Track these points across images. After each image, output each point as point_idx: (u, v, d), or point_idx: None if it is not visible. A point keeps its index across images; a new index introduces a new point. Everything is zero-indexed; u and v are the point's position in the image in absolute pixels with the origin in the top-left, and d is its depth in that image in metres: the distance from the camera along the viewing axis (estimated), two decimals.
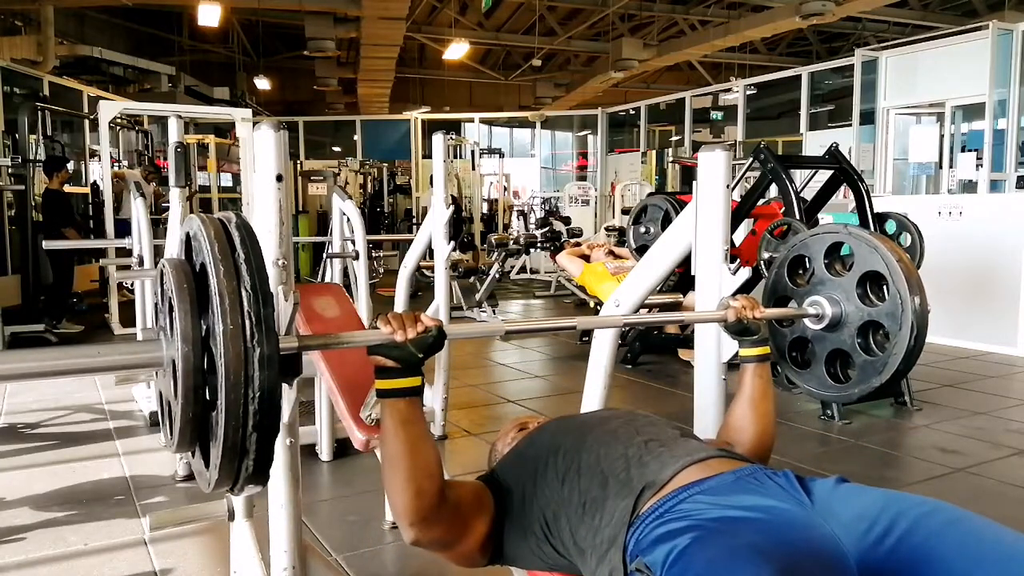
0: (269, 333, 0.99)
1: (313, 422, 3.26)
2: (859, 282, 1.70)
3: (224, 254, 1.01)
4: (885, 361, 1.66)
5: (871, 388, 1.71)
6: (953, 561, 1.00)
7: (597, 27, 13.31)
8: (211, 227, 1.03)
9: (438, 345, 1.19)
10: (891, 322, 1.65)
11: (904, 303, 1.62)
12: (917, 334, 1.62)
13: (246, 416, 0.98)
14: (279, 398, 1.01)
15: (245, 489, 1.06)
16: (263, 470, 1.04)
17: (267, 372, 0.99)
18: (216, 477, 1.03)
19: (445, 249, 3.35)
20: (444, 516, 1.23)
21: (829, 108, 10.59)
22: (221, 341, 0.97)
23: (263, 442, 1.01)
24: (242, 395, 0.97)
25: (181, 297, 1.03)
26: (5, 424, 3.84)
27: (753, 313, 1.53)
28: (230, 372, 0.97)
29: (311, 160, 13.43)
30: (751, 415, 1.51)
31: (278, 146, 1.32)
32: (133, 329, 5.22)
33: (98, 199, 7.92)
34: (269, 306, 1.01)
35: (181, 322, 1.01)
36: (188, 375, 1.01)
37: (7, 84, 7.81)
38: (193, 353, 1.01)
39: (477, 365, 5.37)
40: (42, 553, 2.36)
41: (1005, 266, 5.39)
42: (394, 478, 1.20)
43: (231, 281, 0.99)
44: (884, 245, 1.68)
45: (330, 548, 2.38)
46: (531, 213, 11.09)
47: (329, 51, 11.53)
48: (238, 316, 0.98)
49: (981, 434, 3.62)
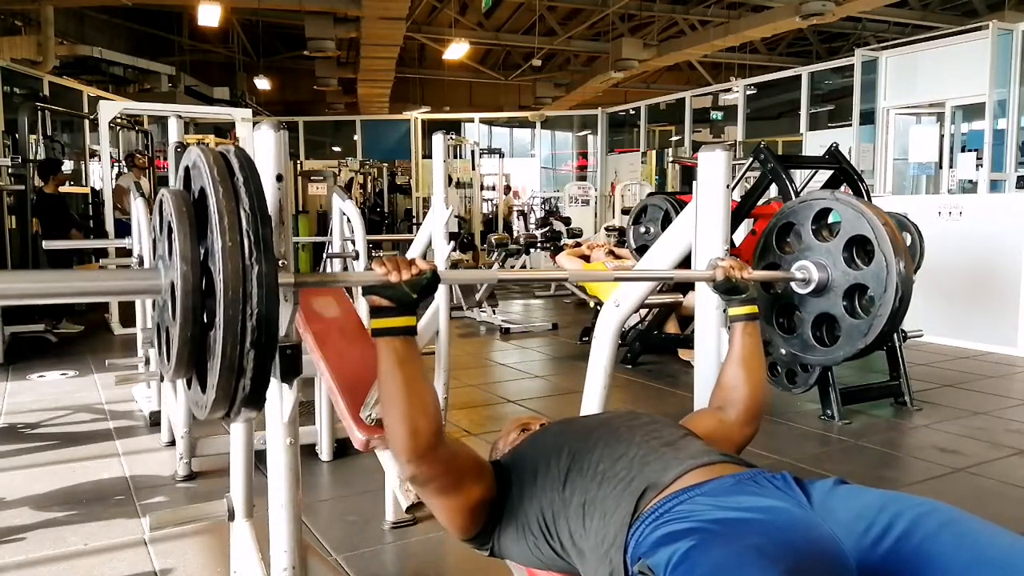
0: (267, 252, 1.01)
1: (313, 422, 3.26)
2: (846, 246, 1.74)
3: (223, 177, 1.03)
4: (870, 323, 1.71)
5: (855, 350, 1.76)
6: (949, 562, 1.00)
7: (597, 27, 13.30)
8: (210, 155, 1.06)
9: (432, 287, 1.22)
10: (876, 284, 1.69)
11: (890, 265, 1.66)
12: (902, 295, 1.66)
13: (244, 333, 0.99)
14: (276, 316, 1.02)
15: (241, 413, 1.06)
16: (259, 392, 1.05)
17: (265, 289, 1.00)
18: (213, 398, 1.03)
19: (445, 249, 3.35)
20: (440, 459, 1.25)
21: (829, 108, 10.58)
22: (220, 258, 0.98)
23: (260, 360, 1.02)
24: (240, 311, 0.99)
25: (180, 220, 1.04)
26: (5, 424, 3.84)
27: (741, 273, 1.57)
28: (228, 288, 0.98)
29: (311, 160, 13.43)
30: (743, 373, 1.53)
31: (278, 146, 1.32)
32: (133, 329, 5.22)
33: (98, 199, 7.92)
34: (267, 226, 1.02)
35: (180, 243, 1.03)
36: (187, 295, 1.02)
37: (7, 84, 7.81)
38: (192, 273, 1.02)
39: (477, 365, 5.37)
40: (42, 553, 2.36)
41: (1005, 266, 5.39)
42: (391, 416, 1.22)
43: (230, 202, 1.01)
44: (870, 210, 1.72)
45: (330, 548, 2.38)
46: (531, 213, 11.10)
47: (329, 51, 11.53)
48: (237, 234, 0.99)
49: (981, 434, 3.61)
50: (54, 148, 7.44)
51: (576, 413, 1.87)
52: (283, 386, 1.30)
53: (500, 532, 1.35)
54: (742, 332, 1.56)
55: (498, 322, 6.76)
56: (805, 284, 1.76)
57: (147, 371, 3.82)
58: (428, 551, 2.43)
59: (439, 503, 1.32)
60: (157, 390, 3.70)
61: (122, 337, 6.18)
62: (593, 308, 5.94)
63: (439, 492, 1.29)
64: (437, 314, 3.28)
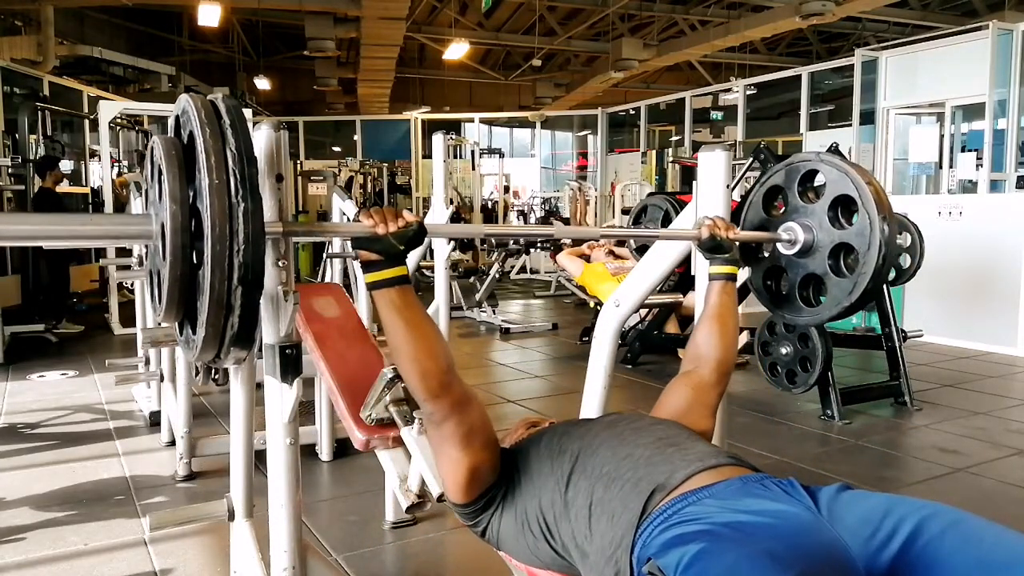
0: (253, 191, 1.05)
1: (313, 422, 3.26)
2: (831, 206, 1.76)
3: (211, 120, 1.07)
4: (855, 281, 1.73)
5: (841, 309, 1.78)
6: (955, 563, 1.00)
7: (597, 27, 13.30)
8: (198, 100, 1.11)
9: (419, 239, 1.25)
10: (860, 242, 1.71)
11: (873, 223, 1.68)
12: (885, 252, 1.68)
13: (231, 269, 1.03)
14: (262, 253, 1.06)
15: (231, 353, 1.10)
16: (248, 330, 1.09)
17: (251, 226, 1.04)
18: (203, 336, 1.07)
19: (445, 249, 3.35)
20: (455, 395, 1.28)
21: (829, 108, 10.58)
22: (207, 196, 1.02)
23: (247, 297, 1.06)
24: (227, 247, 1.03)
25: (169, 163, 1.09)
26: (5, 424, 3.84)
27: (727, 232, 1.62)
28: (216, 226, 1.02)
29: (311, 160, 13.43)
30: (717, 330, 1.58)
31: (278, 146, 1.32)
32: (133, 329, 5.22)
33: (99, 199, 7.92)
34: (253, 167, 1.07)
35: (170, 184, 1.07)
36: (176, 233, 1.06)
37: (7, 84, 7.81)
38: (181, 212, 1.06)
39: (477, 365, 5.37)
40: (42, 553, 2.36)
41: (1005, 266, 5.39)
42: (402, 363, 1.27)
43: (216, 142, 1.05)
44: (854, 170, 1.74)
45: (330, 548, 2.38)
46: (531, 213, 11.09)
47: (329, 51, 11.53)
48: (223, 173, 1.04)
49: (981, 434, 3.62)
50: (54, 148, 7.44)
51: (576, 413, 1.88)
52: (283, 386, 1.30)
53: (499, 518, 1.35)
54: (720, 291, 1.62)
55: (498, 322, 6.76)
56: (791, 245, 1.79)
57: (147, 371, 3.83)
58: (428, 551, 2.43)
59: (448, 451, 1.32)
60: (157, 390, 3.70)
61: (122, 337, 6.18)
62: (593, 308, 5.94)
63: (451, 437, 1.30)
64: (437, 314, 3.29)
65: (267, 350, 1.29)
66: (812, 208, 1.78)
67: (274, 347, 1.29)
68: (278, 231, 1.21)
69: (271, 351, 1.29)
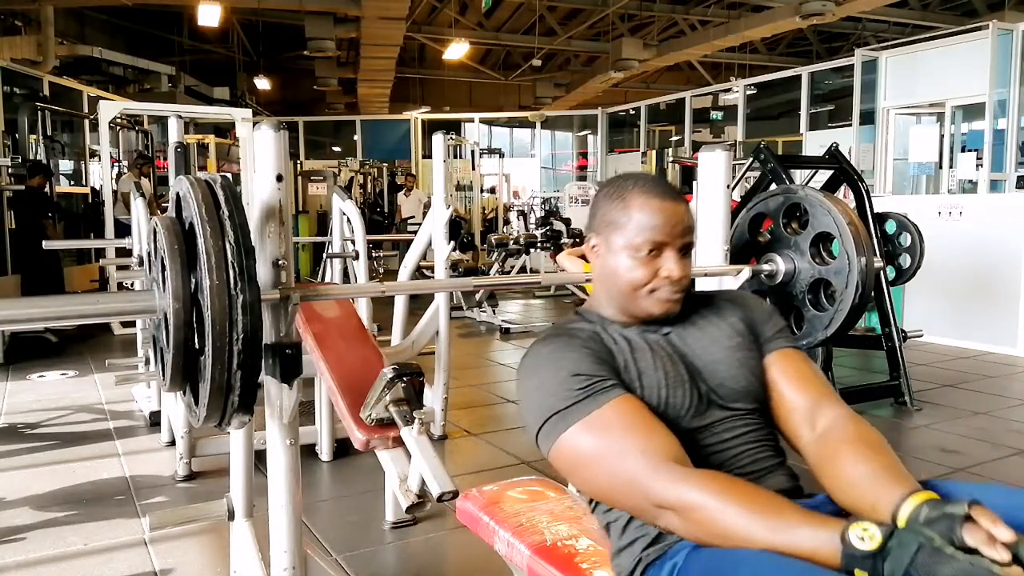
0: (251, 283, 1.12)
1: (313, 422, 3.26)
2: (812, 242, 1.79)
3: (211, 215, 1.13)
4: (832, 316, 1.77)
5: (816, 340, 1.82)
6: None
7: (597, 27, 13.30)
8: (199, 189, 1.16)
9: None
10: (839, 280, 1.74)
11: (852, 263, 1.71)
12: (862, 292, 1.72)
13: (231, 358, 1.10)
14: (260, 337, 1.13)
15: (233, 420, 1.18)
16: (248, 404, 1.16)
17: (249, 317, 1.11)
18: (205, 414, 1.16)
19: (445, 249, 3.35)
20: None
21: (829, 108, 10.58)
22: (208, 296, 1.09)
23: (247, 378, 1.13)
24: (227, 341, 1.10)
25: (172, 257, 1.14)
26: (5, 424, 3.84)
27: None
28: (216, 323, 1.09)
29: (311, 160, 13.43)
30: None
31: (278, 146, 1.32)
32: (133, 329, 5.22)
33: (98, 199, 7.91)
34: (251, 258, 1.13)
35: (172, 281, 1.13)
36: (179, 329, 1.13)
37: (7, 84, 7.80)
38: (183, 309, 1.13)
39: (477, 365, 5.37)
40: (42, 553, 2.36)
41: (1005, 266, 5.38)
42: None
43: (217, 240, 1.11)
44: (836, 207, 1.76)
45: (330, 548, 2.38)
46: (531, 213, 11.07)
47: (329, 51, 11.53)
48: (223, 272, 1.10)
49: (981, 434, 3.61)
50: (54, 148, 7.43)
51: None
52: (283, 386, 1.30)
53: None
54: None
55: (498, 322, 6.76)
56: (771, 277, 1.84)
57: (147, 371, 3.82)
58: (428, 551, 2.43)
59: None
60: (157, 390, 3.70)
61: (122, 337, 6.18)
62: None
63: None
64: (437, 314, 3.29)
65: (267, 351, 1.30)
66: (796, 240, 1.81)
67: (274, 347, 1.29)
68: (275, 297, 1.27)
69: (271, 352, 1.29)
